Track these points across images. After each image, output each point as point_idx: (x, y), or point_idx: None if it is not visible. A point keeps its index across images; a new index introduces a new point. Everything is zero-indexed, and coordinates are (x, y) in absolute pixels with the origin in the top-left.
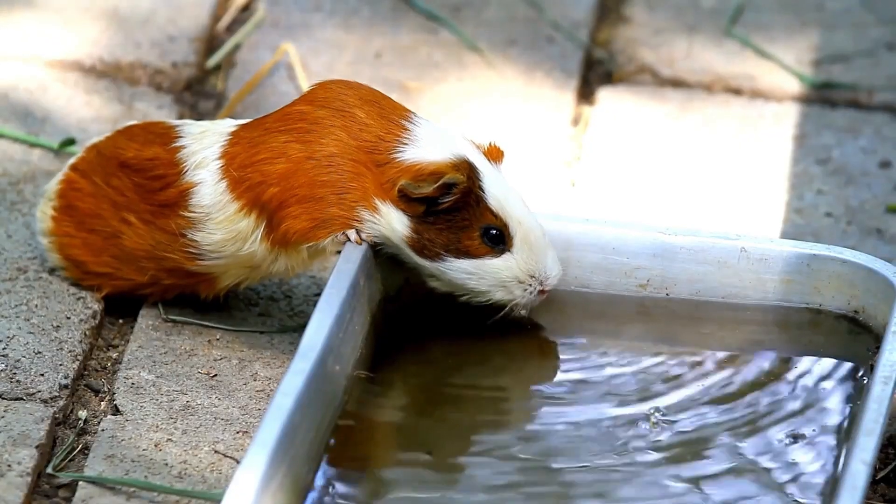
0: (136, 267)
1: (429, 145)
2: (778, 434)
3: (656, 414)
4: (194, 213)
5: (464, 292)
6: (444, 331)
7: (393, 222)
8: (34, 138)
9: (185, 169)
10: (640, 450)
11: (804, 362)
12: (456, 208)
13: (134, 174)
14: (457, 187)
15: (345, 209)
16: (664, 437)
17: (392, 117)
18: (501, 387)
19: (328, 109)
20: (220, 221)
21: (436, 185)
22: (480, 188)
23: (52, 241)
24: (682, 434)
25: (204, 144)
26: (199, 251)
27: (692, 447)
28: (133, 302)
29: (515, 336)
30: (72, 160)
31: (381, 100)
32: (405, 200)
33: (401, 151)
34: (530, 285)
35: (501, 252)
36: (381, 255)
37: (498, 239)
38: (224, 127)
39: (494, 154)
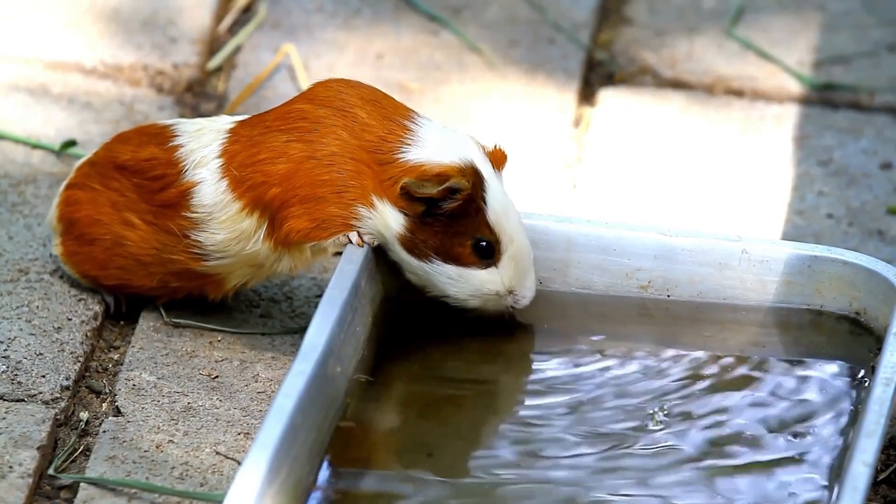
0: (144, 273)
1: (434, 146)
2: (779, 435)
3: (660, 413)
4: (196, 213)
5: (438, 293)
6: (445, 332)
7: (388, 219)
8: (35, 140)
9: (185, 168)
10: (642, 449)
11: (805, 364)
12: (455, 215)
13: (132, 175)
14: (460, 193)
15: (343, 208)
16: (667, 436)
17: (394, 117)
18: (502, 388)
19: (329, 108)
20: (222, 221)
21: (440, 188)
22: (483, 199)
23: (65, 261)
24: (684, 434)
25: (202, 143)
26: (204, 252)
27: (694, 447)
28: (134, 303)
29: (516, 338)
30: (64, 182)
31: (381, 99)
32: (406, 199)
33: (404, 152)
34: (504, 298)
35: (488, 265)
36: (382, 256)
37: (488, 252)
38: (221, 124)
39: (498, 158)
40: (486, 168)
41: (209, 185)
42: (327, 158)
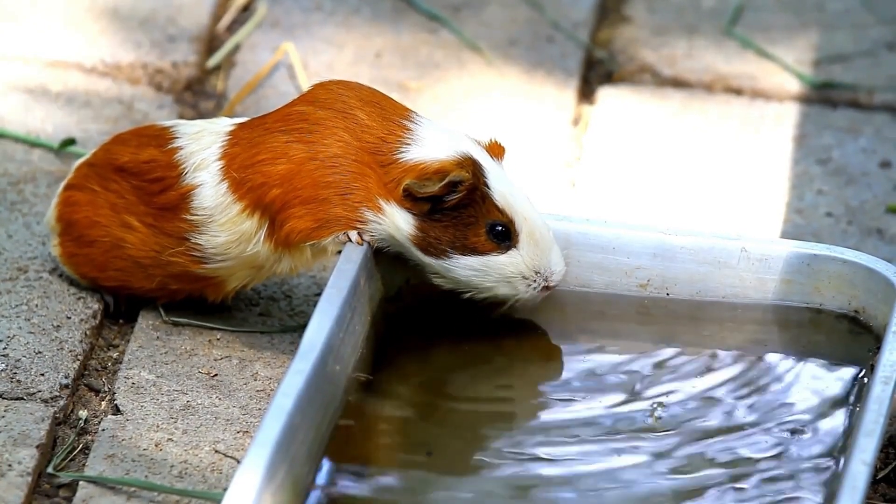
0: (143, 276)
1: (432, 144)
2: (778, 434)
3: (659, 409)
4: (197, 215)
5: (467, 289)
6: (445, 331)
7: (398, 221)
8: (35, 138)
9: (185, 171)
10: (641, 447)
11: (804, 362)
12: (462, 205)
13: (131, 177)
14: (462, 185)
15: (348, 210)
16: (665, 434)
17: (393, 118)
18: (501, 387)
19: (330, 111)
20: (223, 223)
21: (441, 184)
22: (486, 185)
23: (63, 262)
24: (682, 433)
25: (202, 145)
26: (204, 254)
27: (693, 446)
28: (134, 302)
29: (515, 336)
30: (63, 182)
31: (381, 100)
32: (410, 199)
33: (404, 151)
34: (535, 281)
35: (507, 248)
36: (382, 255)
37: (504, 235)
38: (221, 126)
39: (496, 150)
40: (483, 156)
41: (209, 188)
42: (330, 160)
